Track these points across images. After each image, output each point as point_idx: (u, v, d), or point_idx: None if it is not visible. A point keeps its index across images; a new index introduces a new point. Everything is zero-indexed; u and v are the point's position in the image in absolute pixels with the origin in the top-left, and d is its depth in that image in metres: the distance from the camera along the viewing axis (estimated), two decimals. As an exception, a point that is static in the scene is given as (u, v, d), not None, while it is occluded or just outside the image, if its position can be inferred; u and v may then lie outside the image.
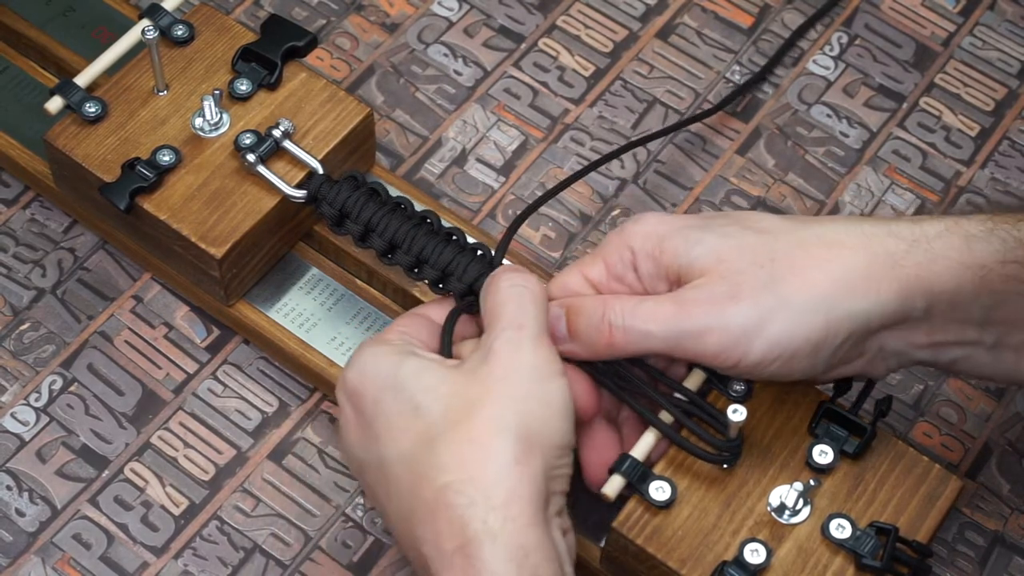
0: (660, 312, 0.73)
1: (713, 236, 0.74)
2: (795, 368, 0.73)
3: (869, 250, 0.72)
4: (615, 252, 0.76)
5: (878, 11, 1.01)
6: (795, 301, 0.72)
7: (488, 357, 0.71)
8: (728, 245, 0.73)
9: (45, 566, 0.81)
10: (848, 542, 0.74)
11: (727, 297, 0.72)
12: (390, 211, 0.82)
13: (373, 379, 0.72)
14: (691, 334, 0.72)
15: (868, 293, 0.72)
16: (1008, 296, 0.72)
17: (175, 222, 0.83)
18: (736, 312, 0.72)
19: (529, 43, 0.99)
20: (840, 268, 0.72)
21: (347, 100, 0.87)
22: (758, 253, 0.73)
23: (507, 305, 0.73)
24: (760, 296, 0.72)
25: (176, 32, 0.88)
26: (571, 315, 0.75)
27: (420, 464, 0.69)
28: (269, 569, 0.81)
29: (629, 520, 0.75)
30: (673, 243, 0.74)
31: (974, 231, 0.72)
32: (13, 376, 0.86)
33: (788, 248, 0.73)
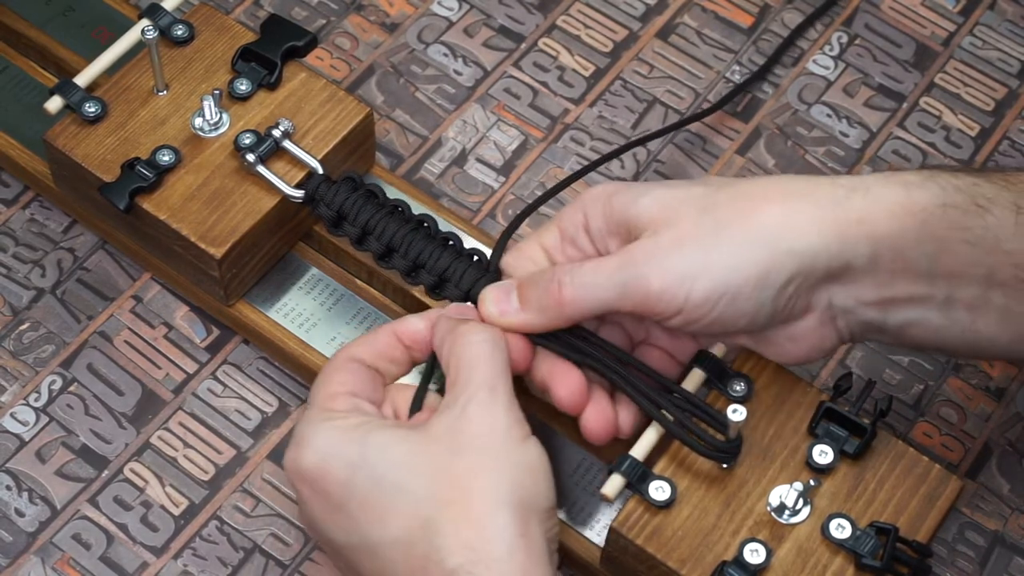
0: (606, 264, 0.74)
1: (659, 188, 0.75)
2: (741, 310, 0.72)
3: (811, 196, 0.73)
4: (567, 217, 0.77)
5: (878, 11, 1.01)
6: (737, 239, 0.72)
7: (461, 422, 0.70)
8: (673, 195, 0.74)
9: (45, 566, 0.81)
10: (848, 542, 0.74)
11: (671, 243, 0.73)
12: (387, 214, 0.82)
13: (336, 460, 0.70)
14: (634, 280, 0.73)
15: (811, 233, 0.72)
16: (951, 243, 0.72)
17: (175, 222, 0.83)
18: (679, 255, 0.72)
19: (529, 43, 0.99)
20: (782, 210, 0.73)
21: (347, 100, 0.87)
22: (703, 201, 0.73)
23: (479, 363, 0.72)
24: (703, 239, 0.72)
25: (176, 32, 0.88)
26: (522, 288, 0.75)
27: (419, 548, 0.68)
28: (269, 569, 0.81)
29: (629, 520, 0.75)
30: (621, 198, 0.75)
31: (913, 180, 0.73)
32: (13, 376, 0.86)
33: (733, 197, 0.74)
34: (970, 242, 0.72)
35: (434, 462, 0.69)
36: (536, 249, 0.78)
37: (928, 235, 0.72)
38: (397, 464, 0.69)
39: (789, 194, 0.73)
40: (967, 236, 0.72)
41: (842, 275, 0.73)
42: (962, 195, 0.72)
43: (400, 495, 0.68)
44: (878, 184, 0.73)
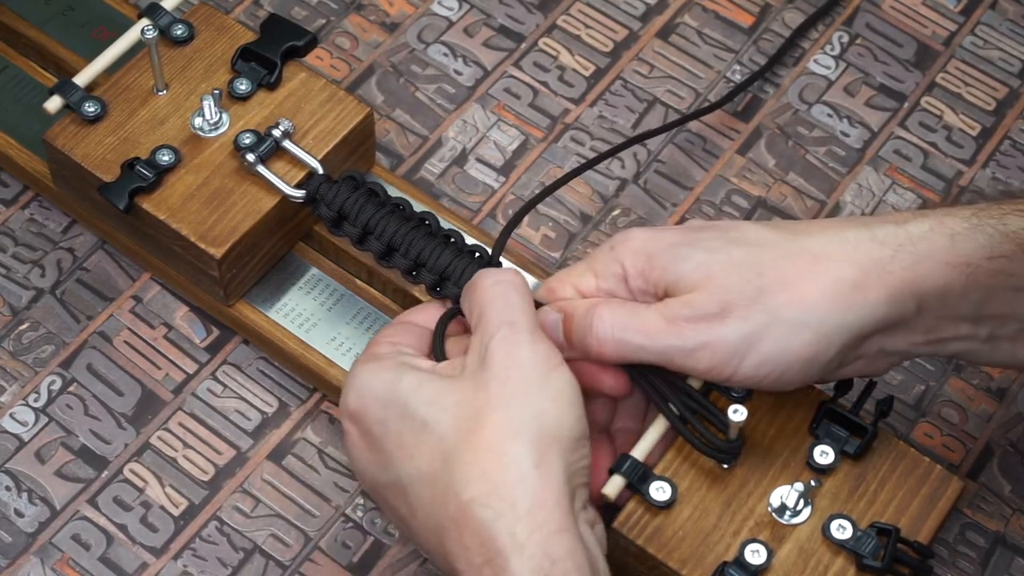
0: (650, 327, 0.73)
1: (701, 252, 0.74)
2: (789, 380, 0.73)
3: (855, 260, 0.72)
4: (605, 267, 0.76)
5: (879, 10, 1.01)
6: (785, 316, 0.72)
7: (486, 359, 0.71)
8: (716, 261, 0.73)
9: (44, 567, 0.81)
10: (849, 543, 0.74)
11: (717, 314, 0.72)
12: (388, 213, 0.82)
13: (373, 399, 0.71)
14: (682, 351, 0.73)
15: (857, 303, 0.72)
16: (997, 291, 0.72)
17: (174, 222, 0.83)
18: (726, 329, 0.72)
19: (529, 43, 0.99)
20: (828, 280, 0.72)
21: (347, 100, 0.87)
22: (746, 268, 0.73)
23: (495, 303, 0.73)
24: (750, 312, 0.72)
25: (175, 31, 0.88)
26: (567, 320, 0.75)
27: (441, 481, 0.68)
28: (269, 570, 0.81)
29: (629, 520, 0.75)
30: (662, 260, 0.74)
31: (958, 228, 0.72)
32: (12, 376, 0.86)
33: (775, 261, 0.73)
34: (1017, 288, 0.73)
35: (458, 398, 0.70)
36: (569, 291, 0.77)
37: (974, 285, 0.72)
38: (427, 402, 0.70)
39: (833, 260, 0.73)
40: (1013, 283, 0.72)
41: (890, 328, 0.73)
42: (1009, 243, 0.72)
43: (425, 431, 0.69)
44: (924, 239, 0.73)
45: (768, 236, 0.74)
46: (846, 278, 0.72)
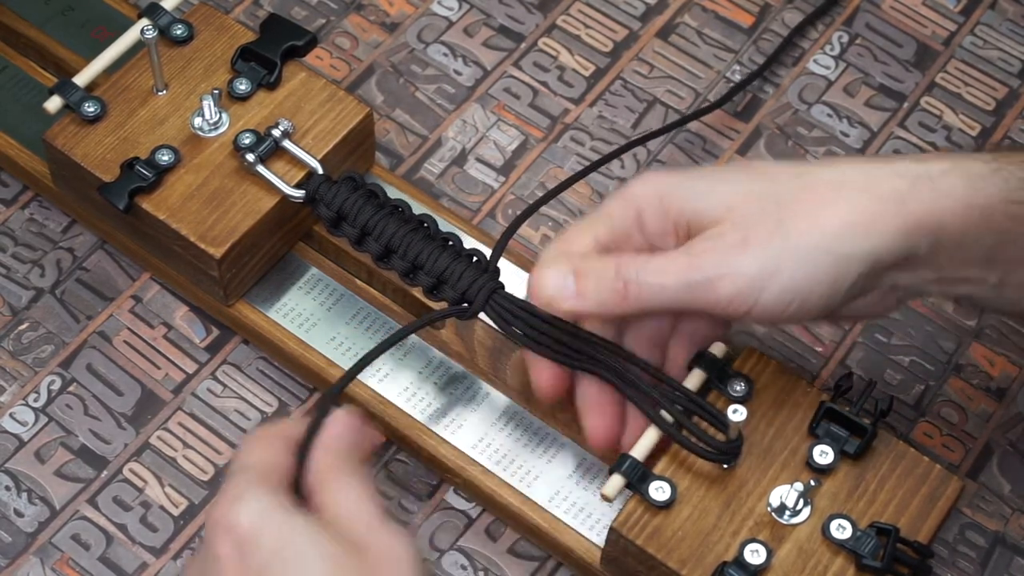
0: (672, 265, 0.73)
1: (719, 185, 0.74)
2: (809, 310, 0.73)
3: (874, 190, 0.73)
4: (620, 211, 0.76)
5: (879, 10, 1.01)
6: (805, 244, 0.72)
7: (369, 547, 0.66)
8: (735, 193, 0.73)
9: (44, 567, 0.81)
10: (849, 543, 0.74)
11: (737, 245, 0.72)
12: (387, 214, 0.82)
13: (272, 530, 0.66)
14: (703, 284, 0.72)
15: (875, 232, 0.72)
16: (1012, 236, 0.73)
17: (174, 222, 0.83)
18: (747, 259, 0.72)
19: (529, 43, 0.99)
20: (846, 209, 0.72)
21: (347, 100, 0.87)
22: (765, 199, 0.73)
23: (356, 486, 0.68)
24: (770, 241, 0.72)
25: (175, 31, 0.88)
26: (581, 277, 0.75)
27: None
28: (268, 570, 0.81)
29: (629, 520, 0.75)
30: (679, 196, 0.74)
31: (978, 170, 0.73)
32: (12, 376, 0.86)
33: (795, 192, 0.73)
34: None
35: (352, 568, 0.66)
36: (586, 241, 0.76)
37: (989, 229, 0.72)
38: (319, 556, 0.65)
39: (852, 190, 0.73)
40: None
41: (905, 264, 0.73)
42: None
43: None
44: (942, 175, 0.73)
45: (787, 169, 0.75)
46: (866, 208, 0.72)
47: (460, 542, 0.82)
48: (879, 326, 0.89)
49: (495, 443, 0.82)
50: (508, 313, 0.78)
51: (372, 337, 0.85)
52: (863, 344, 0.88)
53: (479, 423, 0.83)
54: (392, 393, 0.83)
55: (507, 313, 0.78)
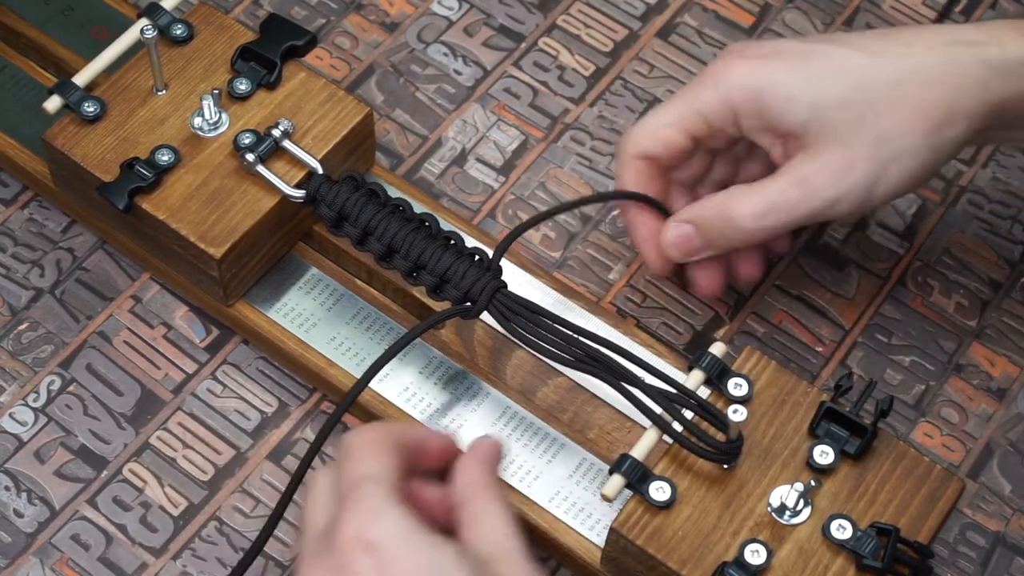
0: (788, 201, 0.78)
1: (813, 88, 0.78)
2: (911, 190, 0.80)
3: (961, 82, 0.78)
4: (711, 107, 0.80)
5: (879, 10, 1.00)
6: (905, 147, 0.78)
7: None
8: (830, 102, 0.78)
9: (44, 567, 0.81)
10: (849, 543, 0.74)
11: (844, 164, 0.78)
12: (388, 214, 0.82)
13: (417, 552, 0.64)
14: (822, 209, 0.78)
15: (963, 122, 0.78)
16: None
17: (174, 222, 0.83)
18: (856, 177, 0.78)
19: (529, 42, 0.99)
20: (938, 106, 0.78)
21: (346, 100, 0.87)
22: (860, 105, 0.77)
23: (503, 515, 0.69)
24: (873, 152, 0.78)
25: (175, 31, 0.88)
26: (700, 227, 0.80)
27: None
28: (268, 570, 0.81)
29: (629, 520, 0.75)
30: (775, 104, 0.79)
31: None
32: (11, 376, 0.86)
33: (885, 92, 0.78)
34: None
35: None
36: (677, 133, 0.81)
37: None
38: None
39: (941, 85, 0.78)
40: None
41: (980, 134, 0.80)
42: None
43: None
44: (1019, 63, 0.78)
45: (874, 64, 0.79)
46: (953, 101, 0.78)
47: (460, 542, 0.82)
48: (879, 326, 0.89)
49: (495, 443, 0.82)
50: (511, 312, 0.78)
51: (372, 337, 0.85)
52: (863, 344, 0.88)
53: (479, 423, 0.83)
54: (392, 393, 0.83)
55: (510, 312, 0.78)
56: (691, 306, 0.89)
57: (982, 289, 0.90)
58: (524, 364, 0.84)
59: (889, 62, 0.79)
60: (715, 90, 0.80)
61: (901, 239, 0.92)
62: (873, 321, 0.89)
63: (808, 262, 0.91)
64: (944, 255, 0.91)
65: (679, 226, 0.81)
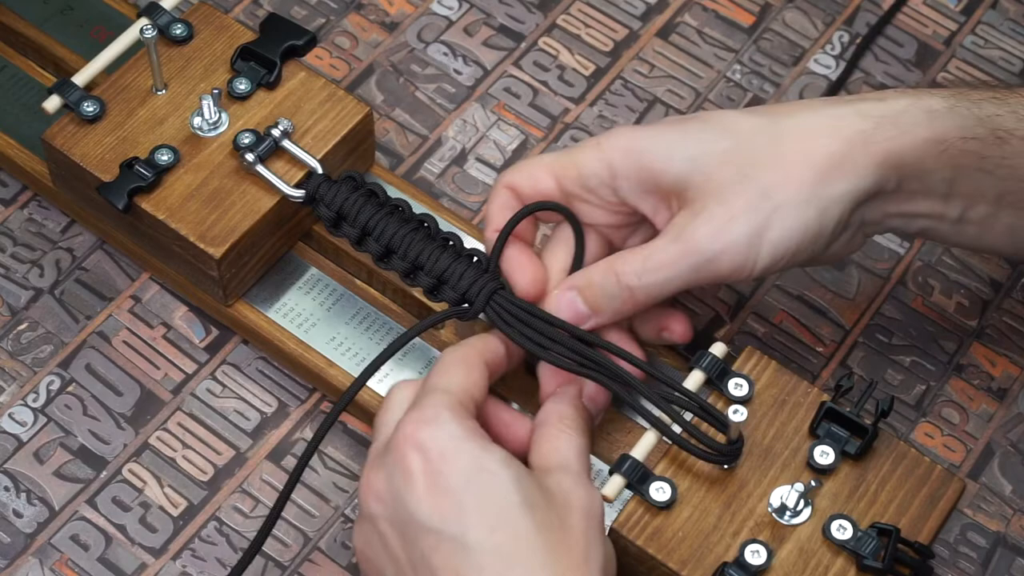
0: (669, 257, 0.76)
1: (692, 146, 0.76)
2: (801, 258, 0.77)
3: (842, 134, 0.76)
4: (591, 165, 0.78)
5: (879, 9, 1.00)
6: (787, 201, 0.75)
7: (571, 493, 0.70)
8: (709, 154, 0.76)
9: (43, 567, 0.81)
10: (849, 543, 0.74)
11: (726, 218, 0.75)
12: (387, 214, 0.81)
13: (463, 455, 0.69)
14: (703, 264, 0.76)
15: (848, 174, 0.75)
16: (967, 171, 0.76)
17: (173, 222, 0.83)
18: (738, 230, 0.75)
19: (529, 42, 0.99)
20: (819, 157, 0.75)
21: (346, 99, 0.87)
22: (741, 162, 0.76)
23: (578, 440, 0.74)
24: (755, 206, 0.75)
25: (175, 31, 0.88)
26: (584, 292, 0.78)
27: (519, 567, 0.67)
28: (268, 570, 0.81)
29: (629, 521, 0.75)
30: (654, 161, 0.77)
31: (936, 107, 0.76)
32: (11, 376, 0.86)
33: (768, 147, 0.76)
34: (986, 170, 0.76)
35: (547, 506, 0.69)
36: (546, 175, 0.79)
37: (947, 163, 0.76)
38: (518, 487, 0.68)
39: (820, 137, 0.76)
40: (984, 165, 0.76)
41: (873, 199, 0.77)
42: (982, 127, 0.76)
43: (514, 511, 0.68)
44: (904, 113, 0.76)
45: (753, 122, 0.77)
46: (836, 152, 0.75)
47: (460, 543, 0.82)
48: (879, 326, 0.89)
49: (495, 443, 0.82)
50: (508, 314, 0.78)
51: (372, 337, 0.85)
52: (864, 344, 0.88)
53: (479, 423, 0.83)
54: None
55: (507, 314, 0.78)
56: (691, 306, 0.89)
57: (983, 289, 0.90)
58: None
59: (770, 120, 0.77)
60: (596, 148, 0.78)
61: (901, 239, 0.91)
62: (874, 321, 0.89)
63: (808, 262, 0.91)
64: (944, 255, 0.91)
65: (563, 294, 0.78)
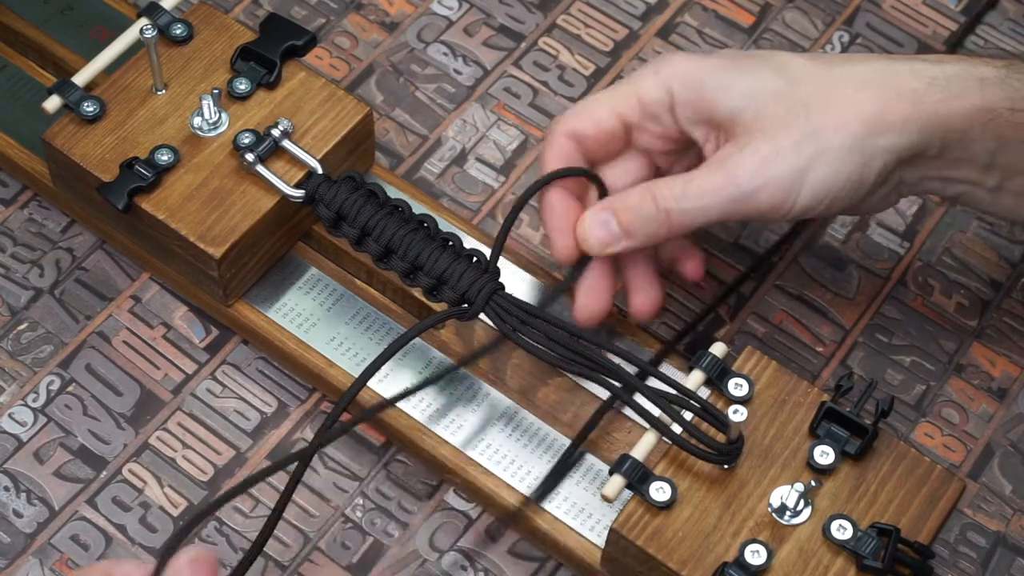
0: (710, 185, 0.76)
1: (748, 80, 0.78)
2: (838, 205, 0.78)
3: (894, 89, 0.77)
4: (649, 92, 0.79)
5: (880, 9, 1.00)
6: (833, 144, 0.76)
7: None
8: (764, 91, 0.77)
9: (43, 567, 0.81)
10: (849, 543, 0.74)
11: (771, 154, 0.76)
12: (387, 214, 0.81)
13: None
14: (743, 197, 0.76)
15: (895, 129, 0.76)
16: (1012, 143, 0.77)
17: (173, 222, 0.83)
18: (781, 167, 0.76)
19: (529, 42, 0.99)
20: (870, 107, 0.76)
21: (346, 99, 0.87)
22: (794, 100, 0.77)
23: None
24: (801, 146, 0.76)
25: (175, 31, 0.88)
26: (620, 214, 0.78)
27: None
28: (268, 570, 0.81)
29: (629, 521, 0.75)
30: (712, 92, 0.78)
31: (988, 76, 0.77)
32: (11, 376, 0.86)
33: (821, 91, 0.77)
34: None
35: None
36: (609, 114, 0.80)
37: (992, 134, 0.77)
38: None
39: (874, 88, 0.77)
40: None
41: (915, 159, 0.78)
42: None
43: None
44: (956, 79, 0.77)
45: (809, 67, 0.78)
46: (887, 105, 0.76)
47: (460, 542, 0.82)
48: (879, 326, 0.89)
49: (495, 443, 0.82)
50: (508, 314, 0.78)
51: (372, 337, 0.85)
52: (864, 344, 0.88)
53: (479, 423, 0.83)
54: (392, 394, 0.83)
55: (507, 314, 0.78)
56: (691, 306, 0.89)
57: (983, 289, 0.90)
58: (524, 364, 0.84)
59: (825, 66, 0.78)
60: (655, 76, 0.79)
61: (902, 239, 0.91)
62: (873, 321, 0.89)
63: (808, 262, 0.90)
64: (945, 255, 0.91)
65: (598, 213, 0.79)
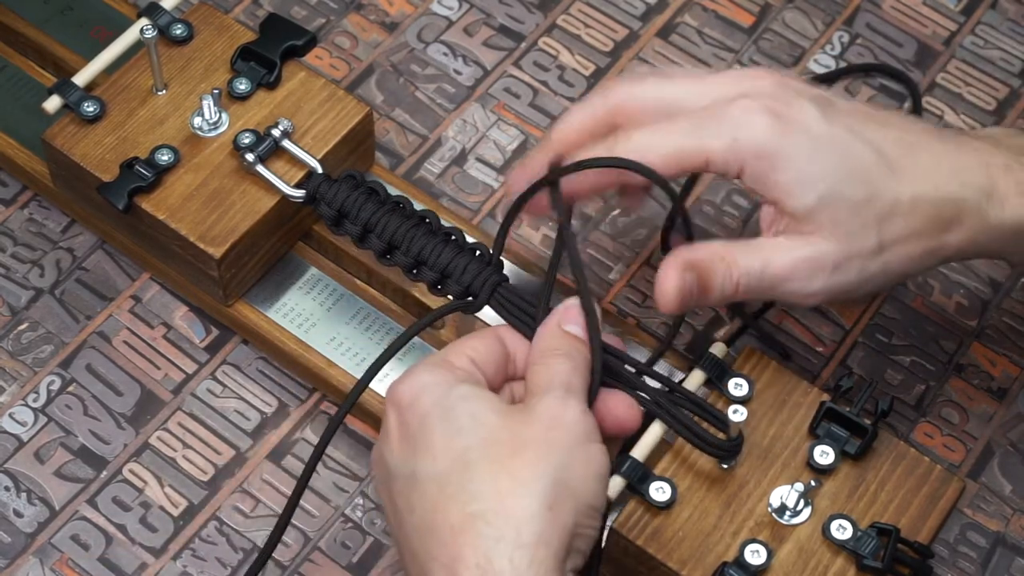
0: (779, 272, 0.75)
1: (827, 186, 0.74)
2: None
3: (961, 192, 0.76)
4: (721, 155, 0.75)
5: (879, 10, 1.00)
6: (898, 258, 0.76)
7: (537, 408, 0.71)
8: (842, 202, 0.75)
9: (43, 567, 0.81)
10: (849, 543, 0.74)
11: (833, 265, 0.75)
12: (389, 211, 0.81)
13: (425, 397, 0.71)
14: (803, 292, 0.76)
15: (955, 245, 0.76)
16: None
17: (174, 222, 0.83)
18: (847, 278, 0.76)
19: (529, 42, 0.99)
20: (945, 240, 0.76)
21: (346, 99, 0.87)
22: (868, 214, 0.75)
23: (561, 363, 0.73)
24: (866, 264, 0.75)
25: (175, 31, 0.88)
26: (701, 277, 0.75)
27: (452, 485, 0.68)
28: (268, 570, 0.81)
29: (629, 521, 0.75)
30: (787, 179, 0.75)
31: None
32: (11, 376, 0.86)
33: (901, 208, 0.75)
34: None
35: (500, 423, 0.70)
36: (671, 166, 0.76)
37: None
38: (470, 413, 0.70)
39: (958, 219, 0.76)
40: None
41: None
42: None
43: (458, 436, 0.69)
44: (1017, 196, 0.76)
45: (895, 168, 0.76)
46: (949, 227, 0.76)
47: (460, 542, 0.82)
48: (879, 326, 0.89)
49: (495, 443, 0.82)
50: (512, 305, 0.78)
51: (372, 337, 0.85)
52: (864, 344, 0.88)
53: (479, 423, 0.83)
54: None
55: (511, 306, 0.78)
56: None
57: (982, 289, 0.90)
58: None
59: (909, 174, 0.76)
60: (731, 140, 0.75)
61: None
62: (873, 321, 0.89)
63: (808, 262, 0.90)
64: (944, 255, 0.91)
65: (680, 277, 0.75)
